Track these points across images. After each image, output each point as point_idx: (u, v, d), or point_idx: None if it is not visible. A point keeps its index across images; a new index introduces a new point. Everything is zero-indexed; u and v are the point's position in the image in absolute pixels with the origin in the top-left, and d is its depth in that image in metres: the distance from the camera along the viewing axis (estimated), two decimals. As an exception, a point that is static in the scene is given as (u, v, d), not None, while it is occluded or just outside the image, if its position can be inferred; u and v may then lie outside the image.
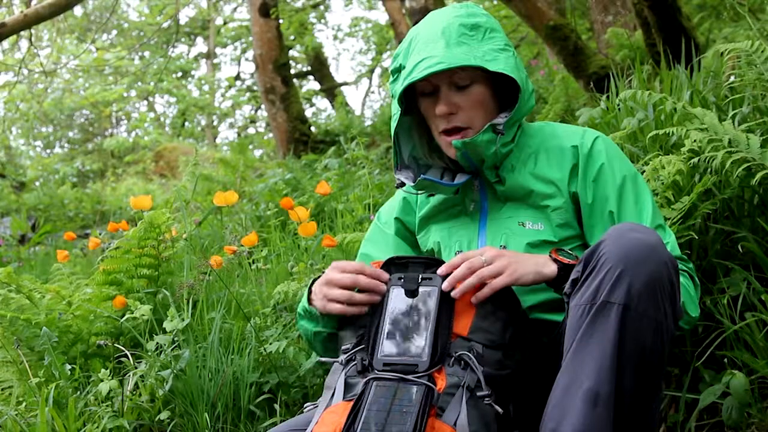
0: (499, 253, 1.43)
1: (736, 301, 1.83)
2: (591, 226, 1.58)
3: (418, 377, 1.32)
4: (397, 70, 1.60)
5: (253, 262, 3.03)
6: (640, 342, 1.25)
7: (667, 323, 1.28)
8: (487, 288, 1.40)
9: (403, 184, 1.65)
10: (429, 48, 1.54)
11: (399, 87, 1.57)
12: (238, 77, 18.57)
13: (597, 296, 1.27)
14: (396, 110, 1.62)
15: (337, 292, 1.46)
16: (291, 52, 12.90)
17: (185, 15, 16.50)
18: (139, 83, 15.01)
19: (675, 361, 1.89)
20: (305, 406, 1.55)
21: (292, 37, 11.08)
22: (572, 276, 1.34)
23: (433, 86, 1.57)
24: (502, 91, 1.62)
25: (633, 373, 1.26)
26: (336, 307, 1.46)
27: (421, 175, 1.61)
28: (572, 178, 1.59)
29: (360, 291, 1.46)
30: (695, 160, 1.98)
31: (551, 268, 1.43)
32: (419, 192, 1.69)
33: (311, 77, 15.59)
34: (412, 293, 1.41)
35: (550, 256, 1.46)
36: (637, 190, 1.58)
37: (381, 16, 22.06)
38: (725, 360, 1.81)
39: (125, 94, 15.61)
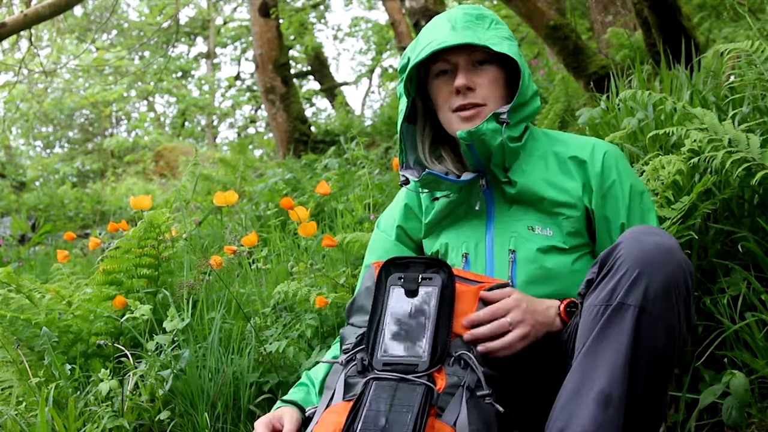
0: (522, 317, 1.40)
1: (736, 301, 1.83)
2: (603, 239, 1.59)
3: (417, 377, 1.32)
4: (405, 68, 1.61)
5: (253, 262, 3.03)
6: (654, 345, 1.25)
7: (680, 327, 1.28)
8: (507, 351, 1.39)
9: (407, 182, 1.65)
10: (435, 33, 1.58)
11: (407, 71, 1.59)
12: (238, 77, 18.57)
13: (613, 297, 1.27)
14: (403, 102, 1.62)
15: None
16: (291, 52, 12.91)
17: (185, 15, 16.50)
18: (139, 83, 15.01)
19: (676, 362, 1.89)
20: (307, 407, 1.55)
21: (292, 37, 11.08)
22: (588, 276, 1.34)
23: (451, 64, 1.59)
24: (510, 92, 1.64)
25: (645, 377, 1.26)
26: None
27: (427, 170, 1.61)
28: (585, 191, 1.59)
29: None
30: (695, 160, 1.98)
31: (557, 326, 1.45)
32: (423, 190, 1.69)
33: (311, 77, 15.58)
34: (412, 293, 1.40)
35: (559, 309, 1.46)
36: (643, 206, 1.60)
37: (381, 16, 22.09)
38: (725, 360, 1.81)
39: (125, 94, 15.59)
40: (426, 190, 1.70)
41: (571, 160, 1.61)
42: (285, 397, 1.61)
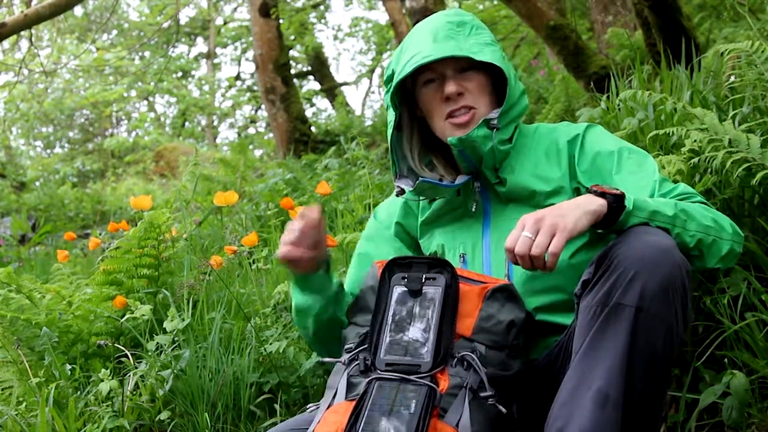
0: (539, 217, 1.34)
1: (736, 301, 1.83)
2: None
3: (420, 377, 1.32)
4: (390, 79, 1.62)
5: (254, 262, 3.03)
6: (652, 345, 1.25)
7: (677, 327, 1.28)
8: (551, 258, 1.31)
9: (403, 192, 1.66)
10: (417, 46, 1.59)
11: (392, 84, 1.60)
12: (238, 77, 18.57)
13: (609, 298, 1.26)
14: (391, 114, 1.63)
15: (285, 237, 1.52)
16: (291, 52, 12.90)
17: (185, 15, 16.49)
18: (139, 83, 15.00)
19: (675, 361, 1.89)
20: (308, 406, 1.55)
21: (292, 37, 11.07)
22: (583, 277, 1.34)
23: (437, 73, 1.60)
24: (497, 95, 1.64)
25: (643, 376, 1.25)
26: (282, 249, 1.52)
27: (420, 178, 1.61)
28: (571, 173, 1.60)
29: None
30: (695, 160, 1.98)
31: (598, 203, 1.35)
32: (420, 198, 1.70)
33: (311, 77, 15.59)
34: (415, 293, 1.40)
35: (589, 191, 1.39)
36: (637, 158, 1.58)
37: (381, 16, 22.05)
38: (725, 360, 1.81)
39: (125, 94, 15.59)
40: (422, 198, 1.70)
41: (558, 147, 1.62)
42: None
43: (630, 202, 1.37)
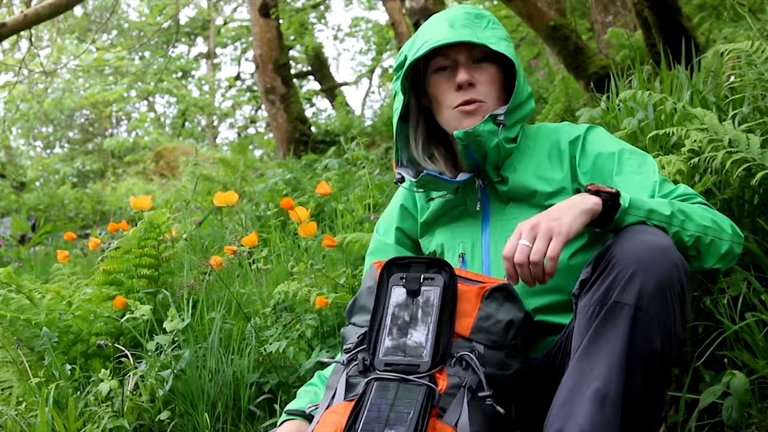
0: (534, 223, 1.35)
1: (736, 301, 1.83)
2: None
3: (419, 377, 1.31)
4: (401, 65, 1.61)
5: (253, 262, 3.03)
6: (650, 344, 1.25)
7: (675, 326, 1.28)
8: (550, 262, 1.33)
9: (402, 180, 1.66)
10: (433, 31, 1.59)
11: (404, 68, 1.60)
12: (238, 77, 18.56)
13: (608, 297, 1.26)
14: (399, 100, 1.63)
15: None
16: (291, 52, 12.90)
17: (185, 15, 16.49)
18: (139, 83, 15.01)
19: (675, 361, 1.89)
20: (308, 406, 1.55)
21: (292, 37, 11.07)
22: (582, 276, 1.34)
23: (450, 60, 1.60)
24: (506, 93, 1.64)
25: (641, 375, 1.25)
26: None
27: (425, 171, 1.61)
28: (573, 174, 1.60)
29: None
30: (695, 160, 1.98)
31: (593, 201, 1.37)
32: (419, 189, 1.70)
33: (311, 77, 15.58)
34: (414, 293, 1.40)
35: (586, 190, 1.40)
36: (637, 159, 1.58)
37: (381, 16, 22.07)
38: (725, 360, 1.81)
39: (125, 94, 15.60)
40: (422, 190, 1.70)
41: (560, 148, 1.62)
42: (290, 407, 1.61)
43: (625, 200, 1.37)
